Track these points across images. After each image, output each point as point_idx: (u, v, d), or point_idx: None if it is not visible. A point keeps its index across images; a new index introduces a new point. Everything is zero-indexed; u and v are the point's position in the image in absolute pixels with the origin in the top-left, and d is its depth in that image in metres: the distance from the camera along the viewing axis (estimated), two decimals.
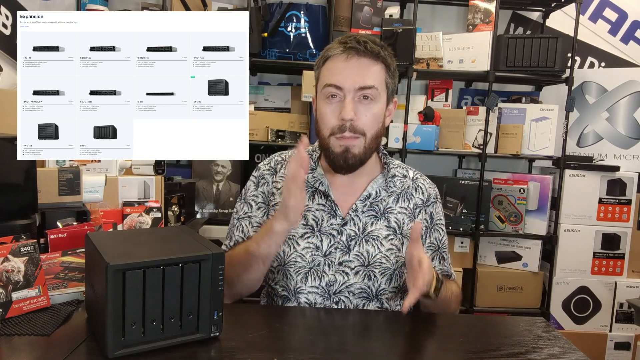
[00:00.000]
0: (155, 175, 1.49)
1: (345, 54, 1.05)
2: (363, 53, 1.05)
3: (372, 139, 1.08)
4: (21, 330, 0.85)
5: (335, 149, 1.07)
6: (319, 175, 1.15)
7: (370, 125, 1.07)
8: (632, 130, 2.40)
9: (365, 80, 1.04)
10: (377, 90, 1.06)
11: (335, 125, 1.06)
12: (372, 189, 1.15)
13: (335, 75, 1.05)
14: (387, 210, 1.15)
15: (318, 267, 1.11)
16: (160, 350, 0.78)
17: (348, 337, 0.90)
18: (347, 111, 1.03)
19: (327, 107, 1.07)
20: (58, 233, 1.12)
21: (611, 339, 2.38)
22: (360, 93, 1.05)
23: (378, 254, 1.12)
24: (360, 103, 1.06)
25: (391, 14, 2.27)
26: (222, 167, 2.36)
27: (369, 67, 1.06)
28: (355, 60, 1.05)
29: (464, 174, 2.54)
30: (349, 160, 1.07)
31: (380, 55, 1.07)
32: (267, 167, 1.21)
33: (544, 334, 0.96)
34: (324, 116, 1.07)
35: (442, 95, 2.53)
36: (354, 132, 1.05)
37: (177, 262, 0.78)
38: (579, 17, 2.27)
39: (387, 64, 1.09)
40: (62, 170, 1.24)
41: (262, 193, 1.19)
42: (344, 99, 1.05)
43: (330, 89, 1.06)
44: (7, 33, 1.64)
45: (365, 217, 1.14)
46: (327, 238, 1.12)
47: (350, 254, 1.11)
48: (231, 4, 2.34)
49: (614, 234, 2.37)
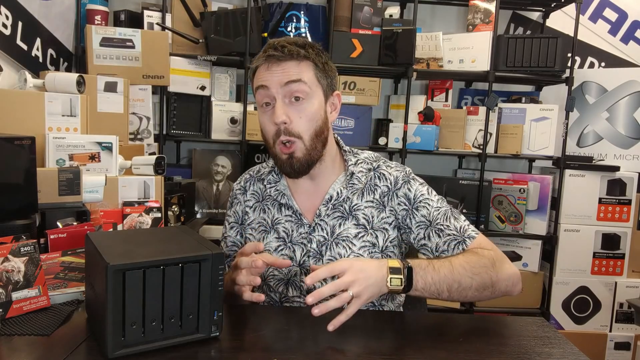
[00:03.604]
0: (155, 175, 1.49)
1: (267, 62, 1.05)
2: (283, 57, 1.04)
3: (312, 139, 1.07)
4: (21, 330, 0.85)
5: (280, 156, 1.08)
6: (281, 187, 1.16)
7: (306, 126, 1.05)
8: (632, 130, 2.40)
9: (291, 75, 1.03)
10: (307, 84, 1.04)
11: (273, 131, 1.06)
12: (333, 190, 1.13)
13: (262, 80, 1.06)
14: (354, 208, 1.13)
15: (295, 277, 1.12)
16: (160, 350, 0.78)
17: (348, 337, 0.90)
18: (279, 114, 1.03)
19: (263, 116, 1.08)
20: (58, 233, 1.12)
21: (611, 339, 2.38)
22: (288, 90, 1.03)
23: (350, 254, 1.10)
24: (292, 105, 1.05)
25: (391, 14, 2.27)
26: (222, 167, 2.36)
27: (293, 67, 1.04)
28: (277, 66, 1.04)
29: (464, 174, 2.54)
30: (294, 166, 1.07)
31: (302, 54, 1.05)
32: (238, 186, 1.25)
33: (544, 334, 0.96)
34: (263, 126, 1.09)
35: (442, 95, 2.53)
36: (289, 135, 1.04)
37: (177, 262, 0.78)
38: (579, 17, 2.27)
39: (314, 60, 1.07)
40: (62, 170, 1.24)
41: (234, 213, 1.22)
42: (275, 103, 1.05)
43: (260, 93, 1.06)
44: (7, 33, 1.64)
45: (331, 220, 1.12)
46: (299, 248, 1.12)
47: (323, 259, 1.11)
48: (231, 4, 2.34)
49: (614, 234, 2.37)
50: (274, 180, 1.18)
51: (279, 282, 1.13)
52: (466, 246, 1.07)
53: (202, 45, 2.21)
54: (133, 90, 1.95)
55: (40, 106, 1.42)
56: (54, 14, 1.96)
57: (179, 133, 2.30)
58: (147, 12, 2.17)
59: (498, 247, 1.10)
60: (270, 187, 1.18)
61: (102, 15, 2.12)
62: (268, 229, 1.16)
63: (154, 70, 2.00)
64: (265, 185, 1.19)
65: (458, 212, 1.15)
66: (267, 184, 1.19)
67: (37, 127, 1.40)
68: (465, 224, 1.11)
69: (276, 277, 1.13)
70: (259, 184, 1.21)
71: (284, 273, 1.12)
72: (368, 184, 1.15)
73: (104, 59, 1.93)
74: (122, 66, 1.94)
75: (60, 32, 2.02)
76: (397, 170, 1.17)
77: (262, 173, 1.22)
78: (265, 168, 1.23)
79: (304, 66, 1.05)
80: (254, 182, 1.23)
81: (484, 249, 1.06)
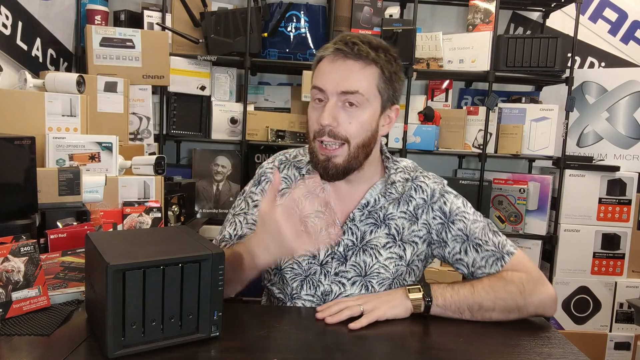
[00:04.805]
0: (155, 175, 1.49)
1: (333, 55, 1.00)
2: (351, 56, 0.99)
3: (358, 148, 1.02)
4: (21, 330, 0.84)
5: (318, 155, 1.03)
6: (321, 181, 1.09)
7: (354, 132, 1.01)
8: (632, 130, 2.40)
9: (349, 85, 0.98)
10: (364, 97, 0.99)
11: (316, 129, 1.02)
12: (370, 196, 1.09)
13: (320, 78, 1.01)
14: (388, 217, 1.10)
15: (314, 275, 1.08)
16: (160, 350, 0.78)
17: (347, 337, 0.90)
18: (324, 116, 0.99)
19: (312, 110, 1.04)
20: (58, 233, 1.12)
21: (611, 339, 2.38)
22: (344, 98, 0.99)
23: (375, 263, 1.07)
24: (344, 109, 1.00)
25: (391, 14, 2.27)
26: (222, 167, 2.36)
27: (356, 71, 0.99)
28: (340, 63, 0.99)
29: (464, 174, 2.54)
30: (329, 170, 1.02)
31: (371, 58, 0.99)
32: (270, 165, 1.18)
33: (544, 334, 0.96)
34: (310, 119, 1.05)
35: (442, 95, 2.53)
36: (334, 137, 1.00)
37: (177, 262, 0.78)
38: (579, 17, 2.27)
39: (382, 67, 1.01)
40: (62, 170, 1.24)
41: (262, 191, 1.14)
42: (326, 102, 1.01)
43: (315, 91, 1.03)
44: (7, 33, 1.64)
45: (363, 225, 1.09)
46: (324, 247, 1.08)
47: (346, 264, 1.08)
48: (231, 4, 2.34)
49: (614, 234, 2.36)
50: (313, 171, 1.10)
51: (296, 276, 1.09)
52: (504, 262, 1.06)
53: (202, 45, 2.21)
54: (133, 90, 1.95)
55: (40, 106, 1.42)
56: (54, 14, 1.96)
57: (179, 133, 2.30)
58: (147, 12, 2.18)
59: None
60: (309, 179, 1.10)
61: (102, 15, 2.12)
62: None
63: (154, 70, 1.99)
64: (302, 174, 1.14)
65: (494, 225, 1.12)
66: (307, 173, 1.12)
67: (37, 127, 1.40)
68: (503, 239, 1.09)
69: (294, 271, 1.09)
70: (293, 170, 1.15)
71: (303, 269, 1.08)
72: (405, 194, 1.11)
73: (104, 59, 1.93)
74: (122, 66, 1.94)
75: (60, 32, 2.02)
76: (434, 183, 1.13)
77: (300, 161, 1.16)
78: (305, 157, 1.16)
79: (367, 72, 1.00)
80: (289, 166, 1.16)
81: (519, 271, 1.05)
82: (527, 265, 1.07)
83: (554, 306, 1.04)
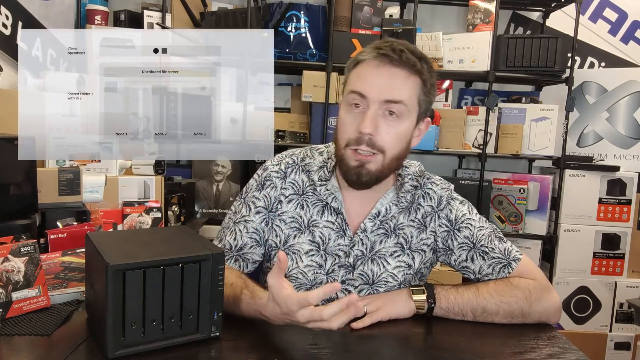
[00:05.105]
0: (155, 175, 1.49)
1: (377, 60, 0.96)
2: (397, 63, 0.95)
3: (392, 159, 0.99)
4: (21, 330, 0.85)
5: (349, 162, 0.98)
6: (332, 189, 1.06)
7: (391, 143, 0.97)
8: (632, 130, 2.40)
9: (394, 94, 0.95)
10: (406, 107, 0.96)
11: (352, 137, 0.97)
12: (381, 205, 1.06)
13: (362, 83, 0.96)
14: (398, 226, 1.08)
15: (320, 285, 1.05)
16: (160, 351, 0.78)
17: (348, 337, 0.90)
18: (366, 124, 0.94)
19: (347, 115, 0.99)
20: (58, 233, 1.12)
21: (611, 339, 2.38)
22: (386, 107, 0.95)
23: (383, 272, 1.06)
24: (384, 118, 0.96)
25: (391, 14, 2.27)
26: (222, 167, 2.36)
27: (401, 79, 0.96)
28: (386, 70, 0.95)
29: (464, 174, 2.54)
30: (362, 177, 0.98)
31: (417, 68, 0.96)
32: (276, 168, 1.09)
33: (544, 334, 0.96)
34: (343, 125, 0.99)
35: (442, 95, 2.52)
36: (371, 147, 0.96)
37: (177, 262, 0.78)
38: (579, 17, 2.27)
39: (424, 78, 0.98)
40: (62, 170, 1.24)
41: (265, 197, 1.08)
42: (367, 109, 0.96)
43: (353, 96, 0.97)
44: (7, 33, 1.64)
45: (374, 236, 1.07)
46: (331, 257, 1.05)
47: (354, 272, 1.06)
48: (231, 4, 2.34)
49: (614, 234, 2.36)
50: (324, 177, 1.07)
51: (301, 286, 1.06)
52: (512, 269, 1.05)
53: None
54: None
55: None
56: (54, 14, 1.96)
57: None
58: (147, 12, 2.17)
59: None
60: (321, 185, 1.07)
61: (102, 15, 2.12)
62: (302, 228, 1.07)
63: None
64: (312, 180, 1.08)
65: (499, 231, 1.10)
66: (318, 180, 1.07)
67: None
68: (509, 245, 1.08)
69: (299, 280, 1.06)
70: (302, 175, 1.09)
71: (309, 278, 1.06)
72: (415, 202, 1.09)
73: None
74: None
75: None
76: (442, 189, 1.11)
77: (311, 165, 1.09)
78: (313, 160, 1.10)
79: (411, 82, 0.97)
80: (298, 170, 1.09)
81: (526, 277, 1.04)
82: (534, 272, 1.06)
83: (558, 314, 1.04)
